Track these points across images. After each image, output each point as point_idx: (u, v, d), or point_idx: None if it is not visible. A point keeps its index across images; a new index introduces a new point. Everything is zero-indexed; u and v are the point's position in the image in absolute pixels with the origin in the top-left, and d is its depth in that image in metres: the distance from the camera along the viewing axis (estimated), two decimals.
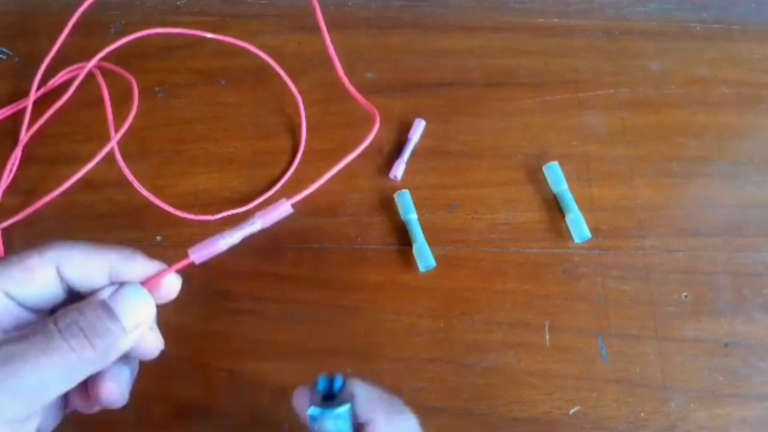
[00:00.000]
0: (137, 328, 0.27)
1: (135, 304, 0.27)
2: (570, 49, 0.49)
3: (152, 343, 0.28)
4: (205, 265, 0.29)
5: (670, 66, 0.49)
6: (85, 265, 0.27)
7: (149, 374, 0.38)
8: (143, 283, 0.27)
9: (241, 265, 0.42)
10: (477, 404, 0.39)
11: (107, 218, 0.43)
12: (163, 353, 0.29)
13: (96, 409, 0.29)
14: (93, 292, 0.27)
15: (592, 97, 0.48)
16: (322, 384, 0.27)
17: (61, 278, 0.27)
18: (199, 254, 0.29)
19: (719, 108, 0.47)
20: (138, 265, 0.28)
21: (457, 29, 0.50)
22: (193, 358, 0.40)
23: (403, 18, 0.51)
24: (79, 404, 0.29)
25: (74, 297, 0.27)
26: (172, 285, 0.28)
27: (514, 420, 0.38)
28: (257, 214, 0.30)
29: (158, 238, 0.42)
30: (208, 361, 0.40)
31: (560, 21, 0.51)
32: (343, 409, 0.25)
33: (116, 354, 0.26)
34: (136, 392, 0.38)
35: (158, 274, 0.28)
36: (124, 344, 0.26)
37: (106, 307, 0.26)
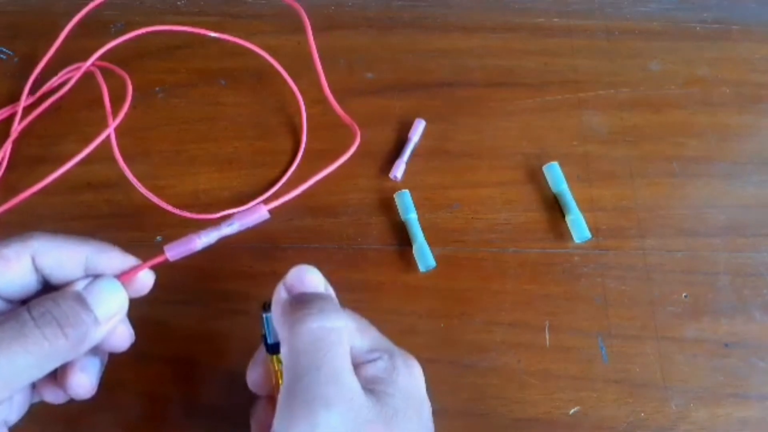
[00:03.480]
0: (110, 320, 0.27)
1: (109, 296, 0.27)
2: (570, 49, 0.49)
3: (123, 336, 0.29)
4: (178, 262, 0.29)
5: (670, 66, 0.49)
6: (61, 256, 0.27)
7: (149, 374, 0.39)
8: (118, 277, 0.28)
9: (241, 265, 0.42)
10: (477, 404, 0.39)
11: (107, 218, 0.43)
12: (134, 345, 0.29)
13: (64, 399, 0.29)
14: (68, 284, 0.27)
15: (592, 97, 0.48)
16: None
17: (37, 269, 0.27)
18: (175, 252, 0.29)
19: (719, 108, 0.47)
20: (113, 259, 0.28)
21: (457, 29, 0.50)
22: (193, 358, 0.39)
23: (403, 18, 0.51)
24: (47, 394, 0.29)
25: (49, 289, 0.27)
26: (145, 280, 0.29)
27: (514, 420, 0.38)
28: (235, 216, 0.30)
29: (158, 238, 0.42)
30: (208, 361, 0.40)
31: (560, 21, 0.51)
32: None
33: (88, 345, 0.26)
34: (134, 392, 0.39)
35: (133, 269, 0.28)
36: (97, 335, 0.26)
37: (80, 298, 0.26)
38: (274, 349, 0.29)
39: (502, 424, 0.38)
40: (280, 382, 0.28)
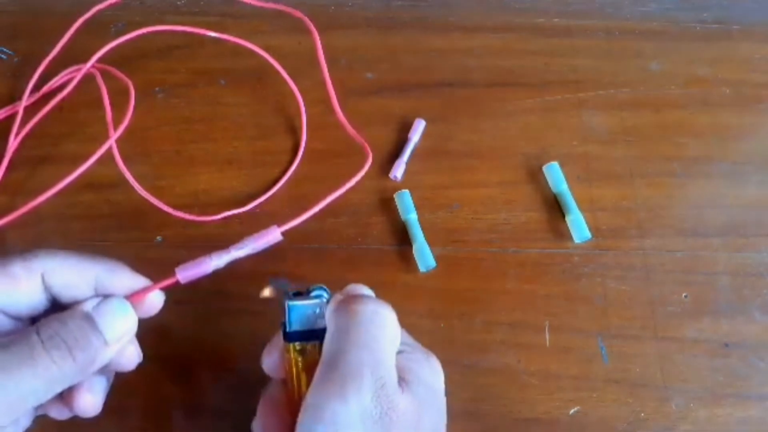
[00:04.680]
0: (119, 342, 0.27)
1: (118, 317, 0.27)
2: (570, 49, 0.49)
3: (131, 356, 0.28)
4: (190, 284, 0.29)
5: (670, 66, 0.49)
6: (71, 275, 0.27)
7: (149, 375, 0.39)
8: (127, 297, 0.27)
9: (241, 265, 0.42)
10: (477, 404, 0.39)
11: (107, 218, 0.43)
12: (142, 362, 0.29)
13: (69, 416, 0.28)
14: (76, 303, 0.27)
15: (592, 97, 0.48)
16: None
17: (46, 288, 0.26)
18: (186, 274, 0.29)
19: (719, 108, 0.47)
20: (123, 279, 0.28)
21: (457, 29, 0.50)
22: (192, 358, 0.40)
23: (403, 18, 0.51)
24: (52, 411, 0.28)
25: (57, 307, 0.27)
26: (155, 301, 0.29)
27: (514, 420, 0.38)
28: (246, 239, 0.31)
29: (158, 238, 0.42)
30: (208, 361, 0.40)
31: (560, 21, 0.51)
32: (297, 303, 0.29)
33: (96, 366, 0.26)
34: (135, 394, 0.39)
35: (143, 290, 0.28)
36: (105, 357, 0.26)
37: (89, 319, 0.26)
38: (291, 337, 0.29)
39: (502, 424, 0.38)
40: (293, 370, 0.29)
